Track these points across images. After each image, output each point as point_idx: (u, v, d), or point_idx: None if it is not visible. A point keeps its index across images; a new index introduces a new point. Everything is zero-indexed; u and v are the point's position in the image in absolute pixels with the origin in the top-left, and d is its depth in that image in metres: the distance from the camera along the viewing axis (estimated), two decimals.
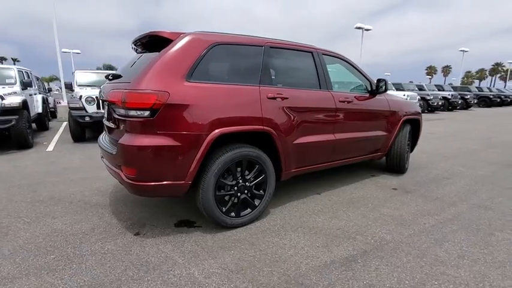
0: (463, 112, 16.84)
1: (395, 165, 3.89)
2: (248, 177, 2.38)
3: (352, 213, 2.72)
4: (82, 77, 7.06)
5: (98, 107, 5.90)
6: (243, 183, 2.36)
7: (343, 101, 3.01)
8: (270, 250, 2.08)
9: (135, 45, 2.61)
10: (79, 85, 6.72)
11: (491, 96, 21.18)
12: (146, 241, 2.18)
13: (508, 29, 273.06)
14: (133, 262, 1.91)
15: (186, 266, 1.88)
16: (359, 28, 19.18)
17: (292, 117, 2.55)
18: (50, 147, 5.59)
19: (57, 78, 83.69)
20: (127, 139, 1.96)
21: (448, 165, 4.50)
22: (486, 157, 5.08)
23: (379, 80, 3.33)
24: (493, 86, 44.25)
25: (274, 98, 2.44)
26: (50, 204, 2.85)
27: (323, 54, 2.99)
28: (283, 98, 2.49)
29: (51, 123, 8.90)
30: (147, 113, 1.91)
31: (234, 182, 2.31)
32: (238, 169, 2.32)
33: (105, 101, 2.37)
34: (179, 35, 2.15)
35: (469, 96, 18.44)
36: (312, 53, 2.89)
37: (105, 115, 2.50)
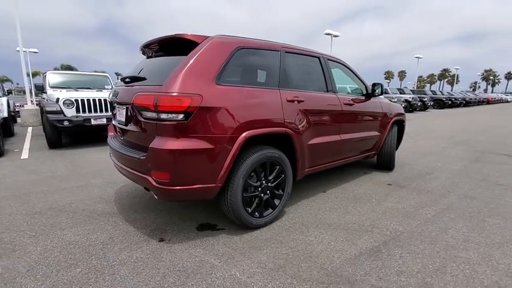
0: (422, 113, 18.43)
1: (386, 163, 4.21)
2: (270, 177, 2.44)
3: (360, 208, 2.91)
4: (55, 78, 6.53)
5: (78, 111, 5.53)
6: (266, 184, 2.41)
7: (347, 103, 3.21)
8: (299, 247, 2.16)
9: (147, 47, 2.55)
10: (52, 87, 6.22)
11: (444, 99, 23.46)
12: (174, 247, 2.14)
13: (452, 39, 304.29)
14: (169, 268, 1.87)
15: (226, 268, 1.88)
16: (328, 34, 20.09)
17: (307, 119, 2.67)
18: (24, 155, 5.10)
19: (8, 80, 75.18)
20: (160, 143, 1.91)
21: (427, 162, 4.95)
22: (455, 154, 5.67)
23: (374, 84, 3.59)
24: (442, 90, 49.03)
25: (293, 101, 2.54)
26: (51, 216, 2.64)
27: (327, 59, 3.16)
28: (299, 101, 2.60)
29: (15, 129, 8.09)
30: (181, 116, 1.89)
31: (258, 183, 2.36)
32: (261, 170, 2.37)
33: (124, 104, 2.29)
34: (205, 38, 2.16)
35: (426, 99, 20.24)
36: (319, 58, 3.05)
37: (120, 118, 2.40)
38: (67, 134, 5.92)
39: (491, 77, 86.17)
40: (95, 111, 5.70)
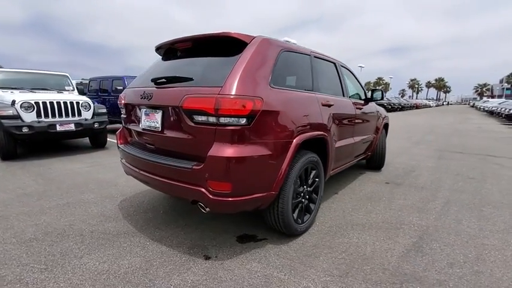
0: None
1: (377, 163, 4.52)
2: (309, 182, 2.41)
3: (378, 207, 3.06)
4: (3, 76, 5.45)
5: (38, 115, 4.73)
6: (305, 189, 2.38)
7: (358, 107, 3.36)
8: (350, 250, 2.17)
9: (173, 45, 2.31)
10: (1, 87, 5.18)
11: (386, 104, 26.29)
12: (226, 263, 1.96)
13: (383, 51, 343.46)
14: None
15: (295, 281, 1.79)
16: (286, 41, 20.96)
17: (334, 123, 2.72)
18: None
19: None
20: (221, 150, 1.73)
21: (403, 160, 5.46)
22: (420, 152, 6.37)
23: (373, 90, 3.84)
24: None
25: (325, 105, 2.56)
26: (53, 242, 2.19)
27: (341, 65, 3.27)
28: (329, 105, 2.63)
29: None
30: (243, 120, 1.75)
31: (301, 189, 2.31)
32: (303, 175, 2.33)
33: (160, 107, 2.02)
34: (252, 38, 2.04)
35: None
36: (335, 63, 3.14)
37: (151, 123, 2.11)
38: (24, 143, 5.00)
39: (416, 85, 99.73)
40: (60, 115, 4.94)
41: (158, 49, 2.52)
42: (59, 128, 4.81)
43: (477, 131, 11.15)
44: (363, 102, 3.82)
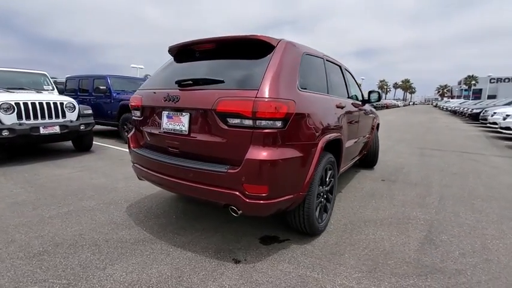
0: None
1: (371, 161, 4.73)
2: (327, 182, 2.48)
3: (382, 203, 3.21)
4: None
5: (19, 117, 4.36)
6: (324, 188, 2.44)
7: (360, 109, 3.50)
8: (371, 246, 2.27)
9: (192, 47, 2.25)
10: None
11: None
12: (258, 266, 1.96)
13: (353, 53, 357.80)
14: None
15: (329, 279, 1.84)
16: None
17: (345, 124, 2.81)
18: None
19: None
20: (258, 153, 1.73)
21: (391, 158, 5.76)
22: (403, 150, 6.75)
23: (371, 92, 4.01)
24: None
25: (340, 107, 2.64)
26: (68, 254, 2.04)
27: (344, 68, 3.39)
28: (342, 107, 2.72)
29: None
30: (279, 123, 1.76)
31: (321, 188, 2.36)
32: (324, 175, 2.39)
33: (187, 109, 1.97)
34: (279, 41, 2.05)
35: None
36: (340, 66, 3.24)
37: (176, 126, 2.04)
38: (2, 147, 4.58)
39: (384, 86, 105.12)
40: (43, 117, 4.59)
41: (172, 50, 2.44)
42: (42, 130, 4.46)
43: (447, 129, 12.02)
44: (360, 103, 3.98)
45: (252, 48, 2.04)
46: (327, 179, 2.48)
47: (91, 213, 2.76)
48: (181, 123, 2.01)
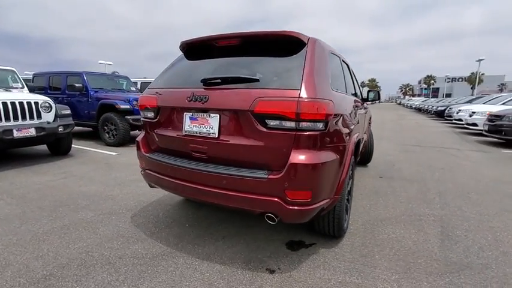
0: None
1: (367, 158, 4.84)
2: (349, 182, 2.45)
3: (389, 201, 3.27)
4: None
5: None
6: (348, 189, 2.41)
7: (364, 107, 3.53)
8: (396, 245, 2.27)
9: (211, 42, 2.08)
10: None
11: None
12: (294, 274, 1.86)
13: None
14: None
15: (369, 283, 1.80)
16: None
17: (359, 122, 2.81)
18: None
19: None
20: (303, 157, 1.63)
21: (379, 155, 5.94)
22: (388, 147, 7.03)
23: (369, 91, 4.07)
24: None
25: (356, 106, 2.62)
26: (80, 276, 1.79)
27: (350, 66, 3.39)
28: (357, 106, 2.70)
29: None
30: (321, 125, 1.67)
31: (347, 189, 2.33)
32: None
33: (217, 110, 1.80)
34: (308, 38, 1.96)
35: None
36: (348, 64, 3.23)
37: (202, 129, 1.86)
38: None
39: None
40: (16, 118, 4.07)
41: (185, 45, 2.25)
42: (16, 133, 3.96)
43: (418, 126, 12.80)
44: (361, 102, 4.04)
45: (281, 44, 1.93)
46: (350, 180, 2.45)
47: (91, 226, 2.48)
48: (209, 125, 1.84)
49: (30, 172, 4.04)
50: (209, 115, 1.85)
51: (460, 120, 11.46)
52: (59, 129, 4.53)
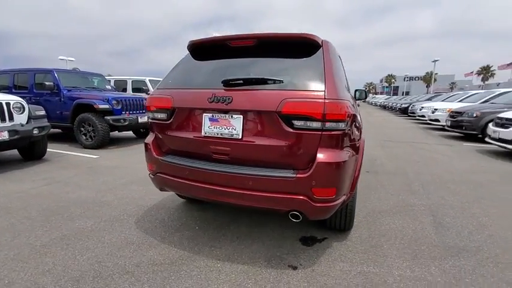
0: None
1: None
2: None
3: (381, 194, 3.49)
4: None
5: None
6: None
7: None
8: (399, 235, 2.44)
9: (224, 42, 2.07)
10: None
11: None
12: (316, 269, 1.94)
13: None
14: None
15: (386, 271, 1.93)
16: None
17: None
18: None
19: None
20: (329, 156, 1.70)
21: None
22: (366, 145, 7.41)
23: (356, 90, 4.27)
24: None
25: (358, 106, 2.75)
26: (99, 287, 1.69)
27: None
28: (358, 106, 2.84)
29: None
30: (343, 124, 1.75)
31: None
32: None
33: (240, 110, 1.80)
34: (322, 40, 2.03)
35: None
36: (342, 63, 3.37)
37: (223, 130, 1.85)
38: None
39: None
40: None
41: (193, 45, 2.20)
42: None
43: (386, 122, 13.65)
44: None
45: (296, 46, 1.97)
46: None
47: (95, 234, 2.34)
48: (232, 126, 1.84)
49: (5, 180, 3.66)
50: (231, 116, 1.84)
51: (423, 116, 12.46)
52: (34, 132, 4.16)
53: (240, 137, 1.83)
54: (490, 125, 6.38)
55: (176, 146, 2.10)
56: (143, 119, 6.06)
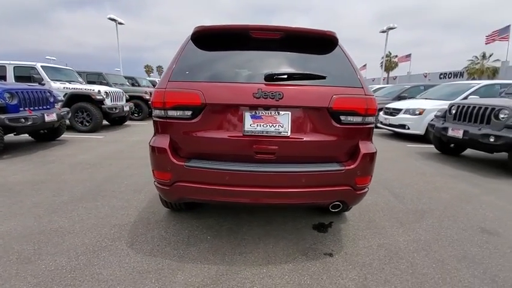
0: None
1: None
2: None
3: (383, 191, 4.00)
4: None
5: None
6: None
7: None
8: (378, 208, 2.92)
9: (248, 31, 1.90)
10: None
11: None
12: (349, 251, 2.12)
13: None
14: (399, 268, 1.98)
15: (394, 239, 2.30)
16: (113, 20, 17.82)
17: None
18: None
19: None
20: (369, 147, 1.88)
21: None
22: None
23: None
24: None
25: None
26: None
27: None
28: None
29: None
30: (373, 118, 1.94)
31: None
32: None
33: (290, 107, 1.71)
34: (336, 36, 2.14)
35: None
36: None
37: (270, 129, 1.72)
38: None
39: None
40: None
41: (201, 32, 1.92)
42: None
43: None
44: None
45: (317, 42, 2.01)
46: None
47: (89, 246, 1.76)
48: (279, 123, 1.74)
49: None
50: (278, 113, 1.75)
51: None
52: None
53: (288, 134, 1.77)
54: (381, 113, 8.18)
55: (203, 149, 1.82)
56: (51, 117, 4.68)
